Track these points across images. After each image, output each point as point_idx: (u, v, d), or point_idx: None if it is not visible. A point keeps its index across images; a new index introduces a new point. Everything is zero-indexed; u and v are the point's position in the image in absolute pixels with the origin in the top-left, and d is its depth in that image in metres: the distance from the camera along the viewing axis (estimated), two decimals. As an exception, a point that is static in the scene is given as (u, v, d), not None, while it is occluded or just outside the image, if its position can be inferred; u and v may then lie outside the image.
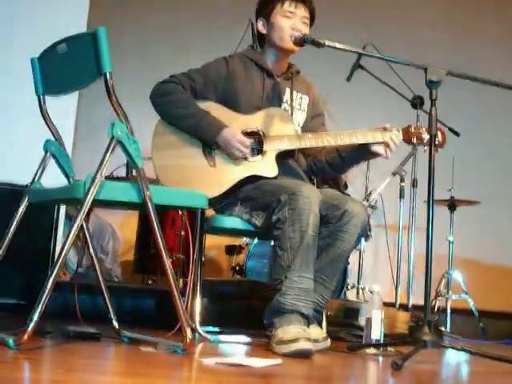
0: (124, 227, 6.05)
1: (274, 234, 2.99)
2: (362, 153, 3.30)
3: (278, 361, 2.50)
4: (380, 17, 7.00)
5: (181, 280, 4.41)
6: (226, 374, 2.23)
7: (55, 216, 3.90)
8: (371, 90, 5.45)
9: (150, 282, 5.09)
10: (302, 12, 3.34)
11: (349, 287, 5.20)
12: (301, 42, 3.21)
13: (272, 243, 3.16)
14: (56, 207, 3.85)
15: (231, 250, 5.47)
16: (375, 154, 3.26)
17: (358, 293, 5.20)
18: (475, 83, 3.08)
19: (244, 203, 3.20)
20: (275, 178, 3.18)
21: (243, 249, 5.32)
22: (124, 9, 6.72)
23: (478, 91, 3.40)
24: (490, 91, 3.67)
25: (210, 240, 5.48)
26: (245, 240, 5.27)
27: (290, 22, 3.31)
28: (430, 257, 2.84)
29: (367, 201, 5.28)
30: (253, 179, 3.19)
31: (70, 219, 4.25)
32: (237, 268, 5.18)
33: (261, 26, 3.43)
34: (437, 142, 3.19)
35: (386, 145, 3.20)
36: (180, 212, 4.93)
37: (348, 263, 5.12)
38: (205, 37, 6.60)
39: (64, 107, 4.07)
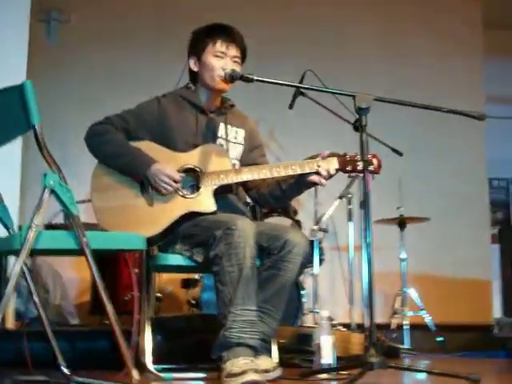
0: (80, 267, 6.03)
1: (213, 269, 3.02)
2: (300, 183, 3.34)
3: (226, 395, 2.53)
4: (318, 42, 7.09)
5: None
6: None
7: (3, 265, 3.91)
8: (316, 115, 5.51)
9: (106, 322, 5.07)
10: (233, 52, 3.39)
11: (305, 312, 5.22)
12: (230, 78, 3.26)
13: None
14: (4, 257, 3.86)
15: (187, 284, 5.48)
16: (312, 183, 3.31)
17: (314, 317, 5.23)
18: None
19: (184, 240, 3.23)
20: (214, 213, 3.21)
21: (199, 282, 5.33)
22: (65, 48, 6.74)
23: (418, 110, 3.48)
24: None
25: (167, 274, 5.55)
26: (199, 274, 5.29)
27: (222, 62, 3.36)
28: (371, 279, 2.87)
29: (318, 224, 5.33)
30: (191, 216, 3.22)
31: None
32: (193, 302, 5.20)
33: (192, 64, 3.48)
34: (372, 169, 3.25)
35: (319, 173, 3.25)
36: (132, 250, 4.93)
37: (303, 288, 5.18)
38: (149, 73, 6.64)
39: (8, 155, 4.10)
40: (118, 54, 6.78)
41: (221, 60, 3.36)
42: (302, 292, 5.09)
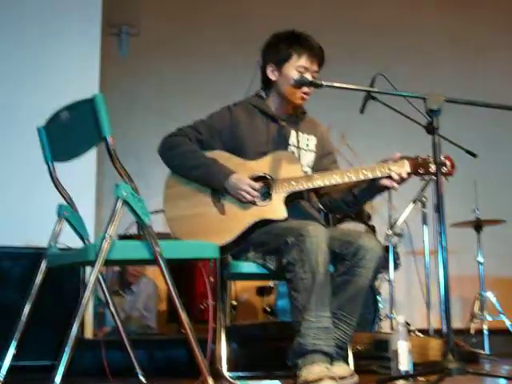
0: (158, 276, 6.09)
1: (286, 277, 3.02)
2: (372, 188, 3.31)
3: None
4: (388, 45, 7.04)
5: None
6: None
7: (81, 275, 3.98)
8: (387, 118, 5.46)
9: (182, 331, 5.11)
10: (314, 67, 3.37)
11: (382, 318, 5.17)
12: (298, 84, 3.26)
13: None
14: (81, 268, 3.93)
15: (262, 292, 5.48)
16: (384, 188, 3.28)
17: (391, 323, 5.17)
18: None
19: (256, 248, 3.23)
20: (286, 220, 3.21)
21: (273, 289, 5.33)
22: (137, 60, 6.84)
23: (492, 109, 3.41)
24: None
25: (242, 282, 5.57)
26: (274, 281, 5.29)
27: None
28: (447, 283, 2.82)
29: (392, 229, 5.29)
30: (263, 223, 3.23)
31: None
32: (268, 309, 5.20)
33: (270, 73, 3.45)
34: (445, 171, 3.19)
35: (391, 177, 3.21)
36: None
37: (379, 293, 5.13)
38: (219, 80, 6.69)
39: (84, 167, 4.18)
40: (189, 65, 6.84)
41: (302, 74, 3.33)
42: (378, 297, 5.05)
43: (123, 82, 6.65)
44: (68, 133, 2.74)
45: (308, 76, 3.32)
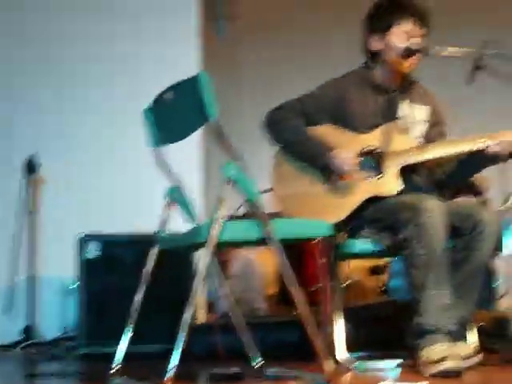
0: (265, 259, 6.06)
1: (402, 253, 2.93)
2: (480, 158, 3.18)
3: (425, 383, 2.41)
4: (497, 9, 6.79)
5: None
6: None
7: (194, 260, 3.98)
8: (499, 90, 5.26)
9: (294, 312, 5.06)
10: (420, 31, 3.24)
11: (499, 296, 4.98)
12: (407, 53, 3.14)
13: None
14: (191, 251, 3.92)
15: (375, 271, 5.38)
16: (493, 157, 3.13)
17: (509, 301, 4.97)
18: None
19: (370, 225, 3.15)
20: (399, 194, 3.10)
21: (386, 268, 5.22)
22: (235, 42, 6.81)
23: None
24: None
25: (353, 263, 5.47)
26: (388, 259, 5.17)
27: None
28: None
29: (506, 203, 5.08)
30: (376, 199, 3.13)
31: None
32: (381, 289, 5.10)
33: (375, 42, 3.33)
34: None
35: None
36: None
37: (495, 271, 4.94)
38: (322, 53, 6.60)
39: (190, 149, 4.18)
40: (285, 43, 6.76)
41: (409, 40, 3.21)
42: (494, 275, 4.87)
43: (223, 63, 6.62)
44: (173, 114, 2.71)
45: (415, 41, 3.19)
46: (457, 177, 3.35)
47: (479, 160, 3.20)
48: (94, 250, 3.91)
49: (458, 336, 2.94)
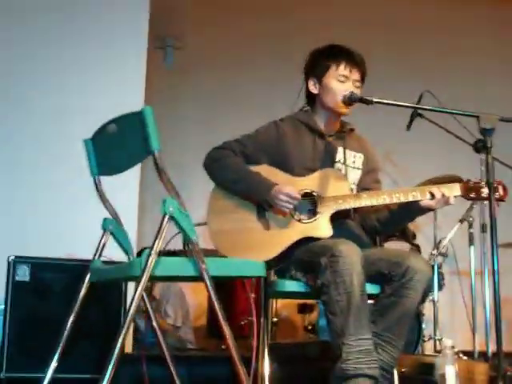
0: (197, 290, 6.07)
1: (321, 299, 2.95)
2: (414, 209, 3.23)
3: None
4: (436, 63, 6.97)
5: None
6: None
7: (123, 290, 3.96)
8: (433, 137, 5.39)
9: (223, 347, 5.07)
10: (355, 76, 3.33)
11: (425, 339, 5.08)
12: (349, 101, 3.21)
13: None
14: (124, 283, 3.91)
15: (303, 309, 5.42)
16: (426, 209, 3.20)
17: (434, 344, 5.07)
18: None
19: (298, 266, 3.17)
20: (330, 238, 3.14)
21: (315, 307, 5.27)
22: (181, 73, 6.84)
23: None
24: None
25: (284, 300, 5.51)
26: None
27: (344, 87, 3.29)
28: (499, 304, 2.73)
29: (437, 249, 5.19)
30: (308, 241, 3.17)
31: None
32: (309, 327, 5.14)
33: (312, 86, 3.42)
34: (498, 196, 3.12)
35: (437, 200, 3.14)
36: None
37: (423, 314, 5.04)
38: (268, 95, 6.67)
39: (127, 180, 4.17)
40: (233, 78, 6.83)
41: (343, 84, 3.30)
42: (422, 318, 4.96)
43: (167, 94, 6.65)
44: (115, 146, 2.70)
45: (349, 85, 3.29)
46: (389, 225, 3.40)
47: (412, 210, 3.25)
48: (24, 273, 3.86)
49: (382, 381, 2.97)
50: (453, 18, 7.24)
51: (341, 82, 3.31)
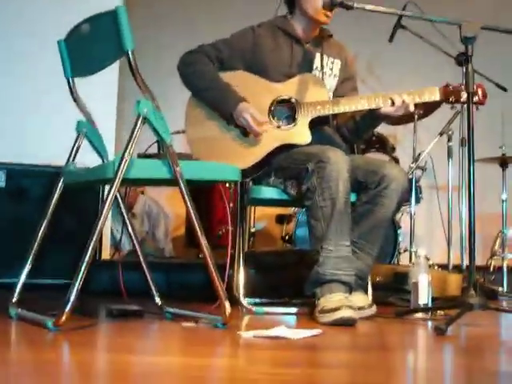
0: (175, 201, 6.07)
1: (305, 204, 2.96)
2: (375, 116, 3.23)
3: (319, 331, 2.46)
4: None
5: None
6: (262, 347, 2.21)
7: (101, 196, 3.94)
8: (417, 49, 5.33)
9: (200, 255, 5.09)
10: None
11: (401, 251, 5.12)
12: (329, 5, 3.14)
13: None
14: (101, 187, 3.88)
15: (281, 220, 5.43)
16: (387, 116, 3.19)
17: (410, 256, 5.12)
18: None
19: (278, 173, 3.18)
20: (309, 145, 3.13)
21: (293, 217, 5.28)
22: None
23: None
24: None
25: (261, 210, 5.52)
26: (294, 208, 5.23)
27: None
28: (473, 217, 2.73)
29: (416, 162, 5.19)
30: (286, 148, 3.15)
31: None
32: (286, 237, 5.16)
33: None
34: (476, 100, 3.10)
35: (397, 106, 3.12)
36: (227, 184, 4.88)
37: (400, 227, 5.07)
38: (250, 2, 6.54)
39: (104, 83, 4.10)
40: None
41: None
42: (399, 231, 4.99)
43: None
44: (89, 46, 2.63)
45: None
46: (356, 132, 3.40)
47: (374, 116, 3.24)
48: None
49: (355, 287, 3.01)
50: None
51: None
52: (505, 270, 5.45)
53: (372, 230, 3.07)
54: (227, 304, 2.50)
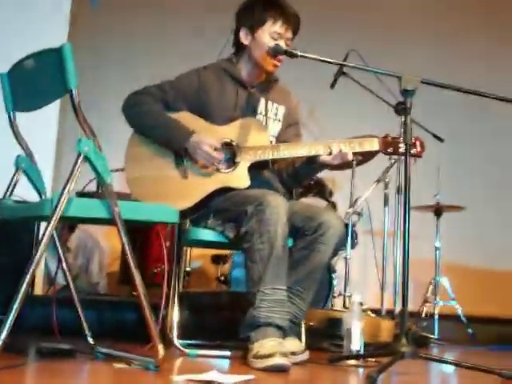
0: (111, 236, 6.02)
1: (243, 246, 2.97)
2: (315, 163, 3.27)
3: (251, 376, 2.46)
4: (365, 22, 6.99)
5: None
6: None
7: (36, 230, 3.89)
8: (357, 96, 5.42)
9: (134, 293, 5.04)
10: (288, 34, 3.30)
11: (335, 295, 5.15)
12: (273, 53, 3.19)
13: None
14: (36, 223, 3.83)
15: (217, 260, 5.43)
16: (325, 164, 3.24)
17: (344, 301, 5.16)
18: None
19: (216, 215, 3.18)
20: (248, 189, 3.15)
21: (229, 258, 5.28)
22: (109, 14, 6.68)
23: (461, 96, 3.36)
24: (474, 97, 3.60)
25: (198, 249, 5.51)
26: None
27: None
28: (407, 264, 2.77)
29: (353, 207, 5.25)
30: (225, 191, 3.17)
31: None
32: (222, 278, 5.15)
33: (243, 36, 3.37)
34: (414, 152, 3.17)
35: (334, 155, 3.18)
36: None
37: (335, 271, 5.11)
38: (192, 41, 6.58)
39: (45, 120, 4.08)
40: (161, 24, 6.72)
41: (275, 41, 3.26)
42: (333, 275, 5.03)
43: (92, 36, 6.50)
44: (32, 82, 2.63)
45: (282, 43, 3.26)
46: (296, 178, 3.43)
47: (313, 164, 3.28)
48: None
49: (290, 332, 3.02)
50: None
51: (274, 39, 3.27)
52: (436, 317, 5.54)
53: (308, 276, 3.09)
54: (160, 346, 2.48)
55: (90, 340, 2.88)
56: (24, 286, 2.32)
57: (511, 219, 6.92)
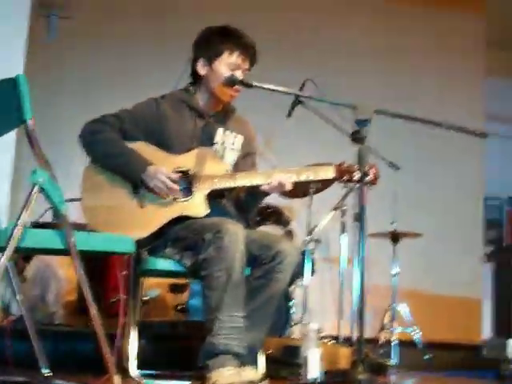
0: (68, 265, 5.96)
1: (201, 274, 2.97)
2: (256, 193, 3.30)
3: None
4: (320, 53, 7.06)
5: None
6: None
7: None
8: (314, 125, 5.46)
9: (91, 323, 4.99)
10: (246, 65, 3.33)
11: (293, 323, 5.16)
12: (228, 82, 3.21)
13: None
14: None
15: (175, 289, 5.40)
16: (263, 193, 3.28)
17: (302, 329, 5.16)
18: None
19: (173, 244, 3.18)
20: (205, 217, 3.15)
21: (186, 287, 5.26)
22: (66, 45, 6.67)
23: (417, 125, 3.41)
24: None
25: (155, 279, 5.48)
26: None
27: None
28: (363, 291, 2.80)
29: (310, 235, 5.27)
30: (182, 219, 3.17)
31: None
32: (179, 307, 5.13)
33: (200, 67, 3.39)
34: (369, 180, 3.20)
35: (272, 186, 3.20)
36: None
37: (293, 299, 5.11)
38: (147, 71, 6.59)
39: (1, 148, 4.05)
40: (118, 54, 6.72)
41: (233, 72, 3.29)
42: (291, 303, 5.04)
43: (49, 66, 6.48)
44: (-14, 112, 2.63)
45: (239, 73, 3.29)
46: (243, 207, 3.44)
47: (255, 193, 3.33)
48: None
49: (247, 360, 3.01)
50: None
51: (231, 70, 3.30)
52: (394, 343, 5.57)
53: (265, 305, 3.08)
54: (116, 377, 2.47)
55: (46, 371, 2.84)
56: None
57: (466, 246, 7.02)
